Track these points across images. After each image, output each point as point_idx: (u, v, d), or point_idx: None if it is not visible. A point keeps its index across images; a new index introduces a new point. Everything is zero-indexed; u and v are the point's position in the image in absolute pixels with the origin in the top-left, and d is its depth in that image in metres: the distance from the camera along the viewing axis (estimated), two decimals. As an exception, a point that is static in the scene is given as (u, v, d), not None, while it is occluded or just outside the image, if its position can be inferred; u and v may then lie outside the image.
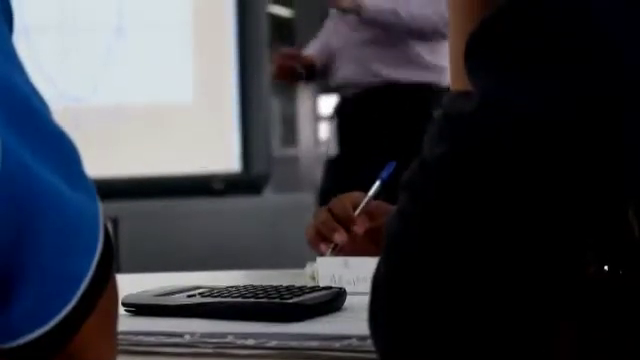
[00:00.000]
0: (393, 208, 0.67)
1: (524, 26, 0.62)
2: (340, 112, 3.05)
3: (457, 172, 0.63)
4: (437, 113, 0.68)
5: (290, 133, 6.40)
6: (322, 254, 1.34)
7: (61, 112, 3.80)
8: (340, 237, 1.34)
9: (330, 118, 3.11)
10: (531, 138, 0.60)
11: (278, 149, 6.02)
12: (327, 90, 5.77)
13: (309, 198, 4.58)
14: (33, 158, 0.63)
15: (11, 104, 0.64)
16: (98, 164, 3.61)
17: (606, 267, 0.63)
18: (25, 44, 3.74)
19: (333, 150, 3.06)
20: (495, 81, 0.62)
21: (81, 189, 0.66)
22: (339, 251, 1.35)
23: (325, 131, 6.14)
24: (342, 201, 1.39)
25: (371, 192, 1.39)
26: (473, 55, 0.64)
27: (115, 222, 3.98)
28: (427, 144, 0.66)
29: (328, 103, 6.17)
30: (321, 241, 1.36)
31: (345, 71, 2.96)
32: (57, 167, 0.65)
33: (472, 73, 0.64)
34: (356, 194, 1.40)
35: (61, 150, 0.67)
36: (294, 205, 4.40)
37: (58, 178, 0.65)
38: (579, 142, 0.60)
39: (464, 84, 0.66)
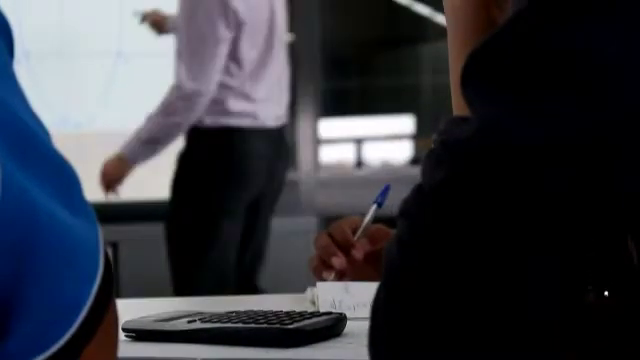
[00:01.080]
0: (392, 232, 0.67)
1: (522, 52, 0.62)
2: None
3: (454, 199, 0.62)
4: (435, 139, 0.68)
5: (290, 157, 6.40)
6: (325, 280, 1.34)
7: (61, 138, 3.78)
8: (339, 262, 1.34)
9: None
10: (529, 165, 0.60)
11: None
12: (327, 114, 5.78)
13: (310, 222, 4.57)
14: (33, 184, 0.63)
15: (11, 131, 0.64)
16: (98, 189, 3.60)
17: (606, 292, 0.63)
18: (25, 70, 3.74)
19: None
20: (493, 107, 0.62)
21: (81, 215, 0.66)
22: (341, 276, 1.35)
23: (326, 155, 6.14)
24: (341, 226, 1.39)
25: (368, 216, 1.39)
26: (470, 80, 0.64)
27: (115, 246, 3.97)
28: (425, 170, 0.66)
29: (329, 127, 6.17)
30: (322, 267, 1.36)
31: None
32: (57, 193, 0.65)
33: (470, 99, 0.64)
34: (355, 218, 1.40)
35: (61, 176, 0.67)
36: (294, 229, 4.39)
37: (58, 204, 0.65)
38: (577, 170, 0.60)
39: (464, 112, 0.66)
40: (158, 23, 3.67)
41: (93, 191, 3.69)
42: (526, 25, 0.62)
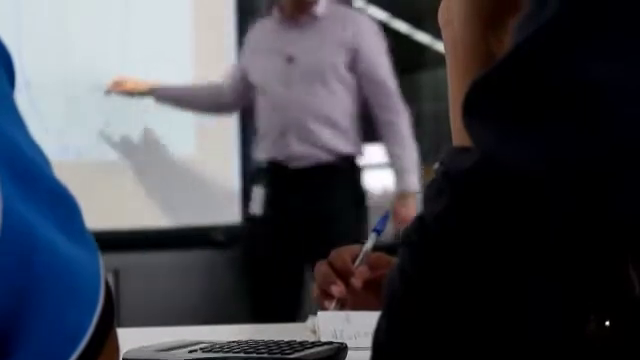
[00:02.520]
0: (393, 259, 0.67)
1: (522, 82, 0.62)
2: (284, 180, 3.58)
3: (455, 229, 0.63)
4: (436, 169, 0.68)
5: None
6: (327, 310, 1.34)
7: (62, 166, 3.79)
8: (338, 290, 1.34)
9: (265, 184, 3.64)
10: (530, 194, 0.60)
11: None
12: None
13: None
14: (34, 214, 0.64)
15: (12, 161, 0.64)
16: (99, 216, 3.60)
17: (608, 322, 0.63)
18: (27, 99, 3.75)
19: (259, 211, 3.62)
20: (494, 137, 0.62)
21: (82, 244, 0.67)
22: (343, 304, 1.35)
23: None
24: (341, 254, 1.39)
25: (367, 244, 1.39)
26: (472, 110, 0.64)
27: (116, 274, 3.97)
28: (426, 200, 0.66)
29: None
30: (323, 296, 1.35)
31: (299, 147, 3.55)
32: (58, 222, 0.65)
33: (471, 129, 0.64)
34: (355, 247, 1.40)
35: (62, 205, 0.67)
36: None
37: (59, 234, 0.65)
38: (579, 202, 0.60)
39: (465, 142, 0.66)
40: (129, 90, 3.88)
41: (95, 218, 3.70)
42: (527, 56, 0.62)
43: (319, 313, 1.30)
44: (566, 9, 0.61)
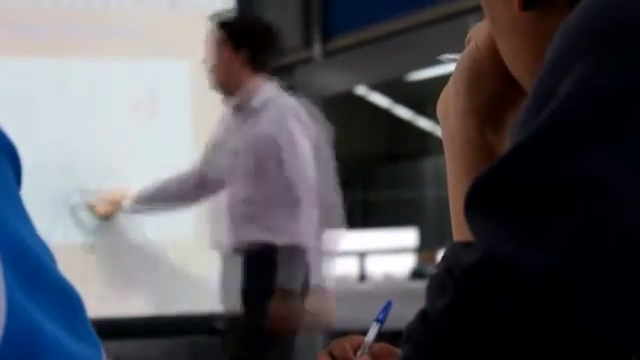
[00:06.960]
0: (395, 350, 0.68)
1: (524, 181, 0.62)
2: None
3: (458, 328, 0.63)
4: (439, 264, 0.68)
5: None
6: None
7: (65, 254, 3.78)
8: (338, 380, 1.33)
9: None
10: (530, 297, 0.61)
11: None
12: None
13: (313, 338, 4.53)
14: (38, 310, 0.64)
15: (18, 258, 0.64)
16: (100, 304, 3.59)
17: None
18: (32, 183, 3.76)
19: None
20: (495, 235, 0.63)
21: (85, 340, 0.67)
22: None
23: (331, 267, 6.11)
24: (342, 344, 1.38)
25: (370, 334, 1.38)
26: (473, 207, 0.65)
27: (117, 361, 3.95)
28: (429, 296, 0.66)
29: (331, 239, 6.15)
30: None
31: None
32: (62, 319, 0.65)
33: (473, 224, 0.65)
34: (358, 337, 1.40)
35: (66, 301, 0.67)
36: (298, 345, 4.36)
37: (62, 331, 0.65)
38: (580, 301, 0.60)
39: (466, 235, 0.66)
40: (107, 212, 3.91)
41: (95, 305, 3.68)
42: (529, 155, 0.63)
43: (321, 403, 1.29)
44: (566, 108, 0.62)
